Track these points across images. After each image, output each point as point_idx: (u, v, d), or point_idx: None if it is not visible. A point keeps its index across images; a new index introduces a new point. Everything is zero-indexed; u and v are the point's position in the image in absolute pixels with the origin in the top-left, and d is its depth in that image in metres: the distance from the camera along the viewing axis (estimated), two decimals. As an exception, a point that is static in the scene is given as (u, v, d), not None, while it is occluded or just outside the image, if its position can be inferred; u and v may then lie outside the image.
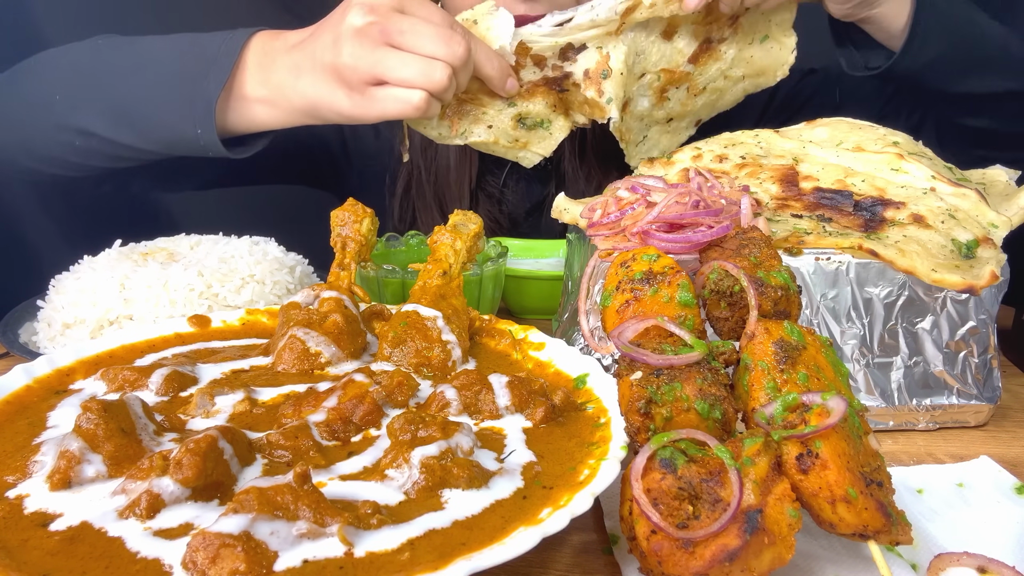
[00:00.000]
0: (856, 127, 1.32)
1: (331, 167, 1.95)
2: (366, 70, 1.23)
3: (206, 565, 0.67)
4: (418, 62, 1.23)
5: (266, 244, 1.46)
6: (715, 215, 1.05)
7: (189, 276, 1.29)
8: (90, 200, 1.65)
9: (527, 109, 1.39)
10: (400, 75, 1.23)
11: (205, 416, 0.95)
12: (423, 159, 1.82)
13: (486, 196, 1.85)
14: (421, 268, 1.24)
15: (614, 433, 0.90)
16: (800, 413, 0.76)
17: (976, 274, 1.06)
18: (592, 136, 1.81)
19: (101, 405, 0.84)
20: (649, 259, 0.94)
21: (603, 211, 1.14)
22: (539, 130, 1.42)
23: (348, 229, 1.27)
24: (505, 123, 1.40)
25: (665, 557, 0.71)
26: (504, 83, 1.35)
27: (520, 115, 1.40)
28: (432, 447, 0.83)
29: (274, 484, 0.73)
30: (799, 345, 0.83)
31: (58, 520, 0.75)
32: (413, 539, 0.73)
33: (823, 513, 0.74)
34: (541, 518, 0.76)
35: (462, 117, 1.38)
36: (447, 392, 0.97)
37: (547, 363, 1.12)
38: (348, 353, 1.10)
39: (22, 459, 0.84)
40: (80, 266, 1.36)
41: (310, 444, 0.87)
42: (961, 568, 0.79)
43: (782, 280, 0.90)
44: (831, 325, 1.10)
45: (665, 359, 0.82)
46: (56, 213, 1.84)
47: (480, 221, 1.31)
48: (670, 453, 0.75)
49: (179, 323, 1.20)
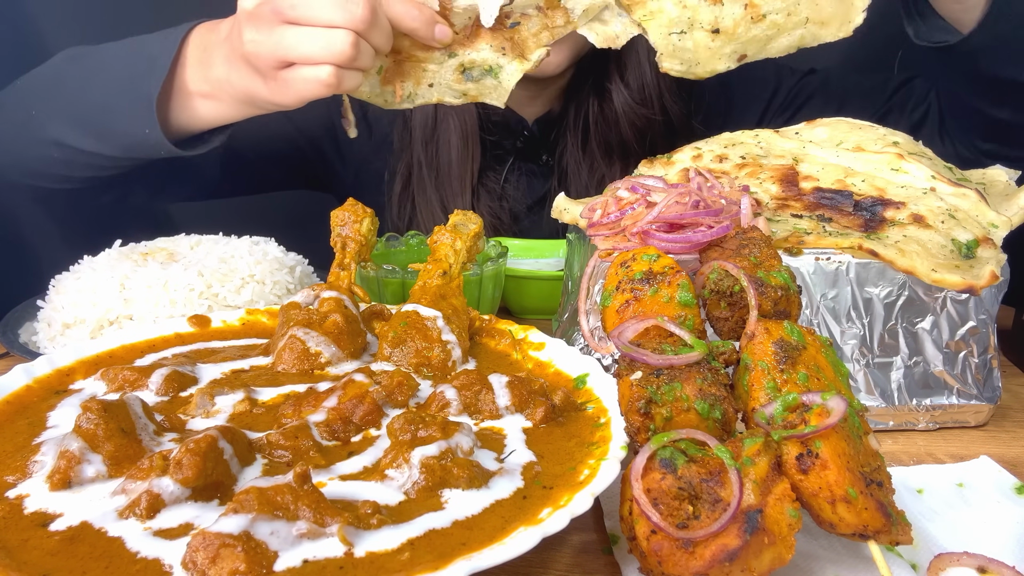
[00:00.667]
0: (856, 127, 1.32)
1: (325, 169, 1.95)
2: (268, 54, 1.17)
3: (206, 565, 0.67)
4: (317, 35, 1.14)
5: (266, 244, 1.46)
6: (715, 215, 1.05)
7: (189, 276, 1.29)
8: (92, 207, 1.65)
9: (470, 58, 1.23)
10: (301, 52, 1.15)
11: (205, 416, 0.95)
12: (424, 154, 1.81)
13: (487, 191, 1.84)
14: (421, 268, 1.24)
15: (614, 433, 0.90)
16: (800, 413, 0.76)
17: (976, 274, 1.06)
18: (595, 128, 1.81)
19: (101, 405, 0.84)
20: (649, 259, 0.94)
21: (603, 211, 1.14)
22: (487, 79, 1.25)
23: (348, 229, 1.27)
24: (448, 78, 1.25)
25: (665, 557, 0.71)
26: (432, 32, 1.20)
27: (463, 65, 1.24)
28: (432, 447, 0.83)
29: (274, 484, 0.73)
30: (799, 345, 0.83)
31: (58, 520, 0.75)
32: (413, 539, 0.73)
33: (823, 513, 0.74)
34: (541, 518, 0.76)
35: (404, 78, 1.25)
36: (447, 392, 0.97)
37: (547, 363, 1.12)
38: (348, 353, 1.10)
39: (22, 459, 0.84)
40: (80, 266, 1.36)
41: (310, 444, 0.87)
42: (961, 568, 0.79)
43: (782, 280, 0.90)
44: (831, 325, 1.10)
45: (665, 359, 0.82)
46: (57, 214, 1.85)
47: (480, 221, 1.31)
48: (670, 453, 0.75)
49: (179, 323, 1.20)
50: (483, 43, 1.23)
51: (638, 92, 1.78)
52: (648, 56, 1.78)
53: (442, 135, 1.80)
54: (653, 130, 1.81)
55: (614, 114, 1.80)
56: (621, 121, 1.80)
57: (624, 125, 1.80)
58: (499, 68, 1.24)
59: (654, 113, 1.80)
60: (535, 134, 1.87)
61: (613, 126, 1.81)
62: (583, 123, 1.82)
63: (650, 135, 1.81)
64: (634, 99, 1.79)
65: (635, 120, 1.80)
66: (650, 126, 1.81)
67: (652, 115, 1.80)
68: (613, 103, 1.79)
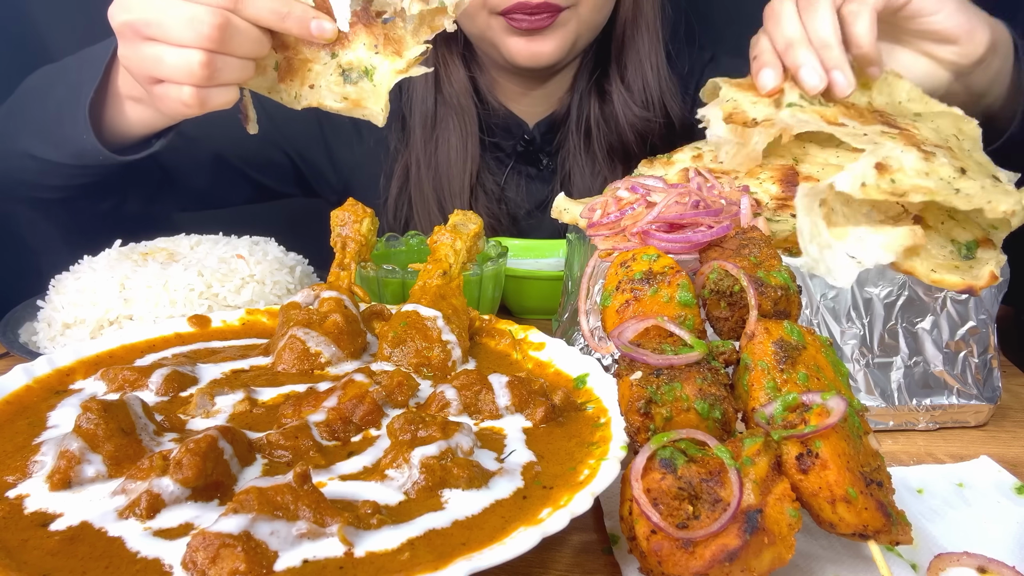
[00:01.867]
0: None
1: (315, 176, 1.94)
2: (137, 70, 1.16)
3: (206, 565, 0.67)
4: (172, 55, 1.10)
5: (266, 244, 1.46)
6: (715, 215, 1.05)
7: (189, 276, 1.29)
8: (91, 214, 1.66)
9: (347, 59, 1.13)
10: (162, 71, 1.12)
11: (205, 416, 0.95)
12: (423, 152, 1.80)
13: (485, 192, 1.83)
14: (421, 268, 1.24)
15: (614, 433, 0.90)
16: (800, 413, 0.76)
17: (976, 274, 1.06)
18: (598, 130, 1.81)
19: (101, 405, 0.84)
20: (649, 259, 0.94)
21: (603, 211, 1.14)
22: (364, 81, 1.13)
23: (348, 229, 1.27)
24: (330, 79, 1.14)
25: (665, 557, 0.71)
26: (307, 29, 1.11)
27: (341, 67, 1.13)
28: (432, 447, 0.83)
29: (274, 484, 0.73)
30: (799, 345, 0.83)
31: (58, 520, 0.75)
32: (413, 539, 0.73)
33: (823, 513, 0.74)
34: (541, 518, 0.76)
35: (293, 76, 1.15)
36: (447, 392, 0.97)
37: (547, 363, 1.12)
38: (348, 353, 1.10)
39: (22, 459, 0.84)
40: (80, 266, 1.36)
41: (310, 444, 0.87)
42: (961, 568, 0.79)
43: (782, 280, 0.90)
44: (831, 325, 1.10)
45: (665, 359, 0.82)
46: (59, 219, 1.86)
47: (480, 221, 1.31)
48: (670, 453, 0.75)
49: (179, 323, 1.20)
50: (359, 41, 1.13)
51: (639, 94, 1.78)
52: (648, 58, 1.77)
53: (441, 134, 1.79)
54: (654, 133, 1.81)
55: (615, 117, 1.80)
56: (622, 124, 1.79)
57: (625, 128, 1.79)
58: (373, 69, 1.13)
59: (655, 116, 1.80)
60: (535, 138, 1.86)
61: (615, 129, 1.80)
62: (585, 125, 1.82)
63: (651, 138, 1.81)
64: (635, 102, 1.79)
65: (636, 123, 1.79)
66: (651, 129, 1.80)
67: (653, 118, 1.80)
68: (614, 105, 1.79)
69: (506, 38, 1.64)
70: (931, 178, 1.04)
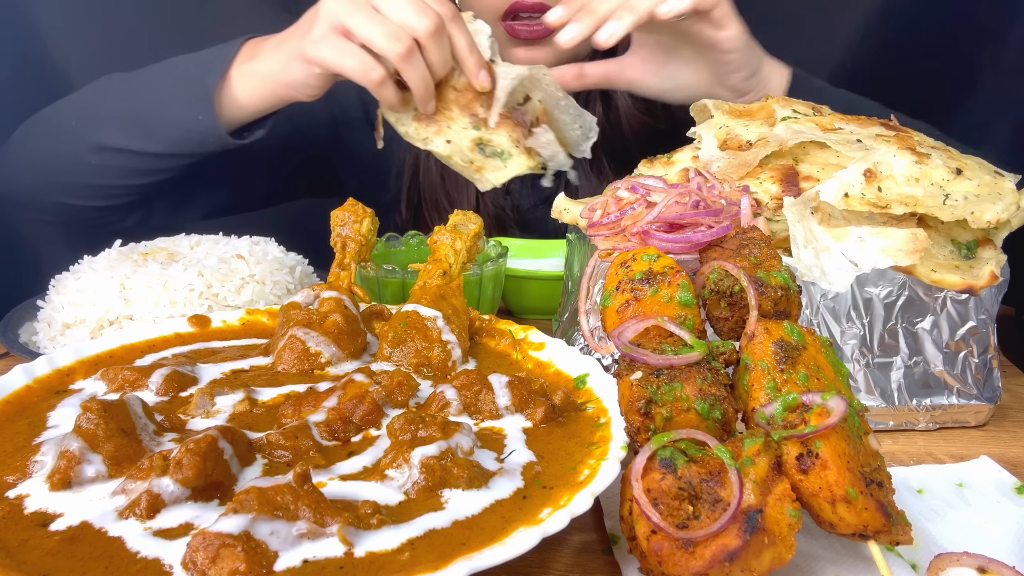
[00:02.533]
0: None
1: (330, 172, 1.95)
2: (343, 13, 1.25)
3: (206, 565, 0.67)
4: (385, 24, 1.23)
5: (266, 244, 1.46)
6: (715, 215, 1.05)
7: (189, 276, 1.29)
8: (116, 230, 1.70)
9: (489, 137, 1.37)
10: (370, 33, 1.24)
11: (205, 416, 0.95)
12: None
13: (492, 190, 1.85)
14: (421, 268, 1.24)
15: (614, 433, 0.90)
16: (800, 413, 0.76)
17: (976, 274, 1.06)
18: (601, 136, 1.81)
19: (101, 405, 0.84)
20: (649, 259, 0.94)
21: (603, 211, 1.14)
22: (496, 159, 1.38)
23: (348, 229, 1.27)
24: (464, 143, 1.37)
25: (665, 557, 0.71)
26: (477, 73, 1.33)
27: (481, 140, 1.37)
28: (432, 447, 0.83)
29: (274, 484, 0.73)
30: (799, 345, 0.83)
31: (58, 520, 0.75)
32: (413, 539, 0.73)
33: (823, 513, 0.74)
34: (541, 518, 0.76)
35: (430, 123, 1.37)
36: (447, 392, 0.97)
37: (547, 363, 1.12)
38: (348, 353, 1.10)
39: (22, 459, 0.84)
40: (80, 266, 1.36)
41: (310, 444, 0.87)
42: (961, 568, 0.79)
43: (782, 280, 0.90)
44: (831, 325, 1.10)
45: (665, 359, 0.82)
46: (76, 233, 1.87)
47: (480, 221, 1.31)
48: (670, 453, 0.75)
49: (179, 323, 1.20)
50: (504, 131, 1.37)
51: (641, 99, 1.79)
52: None
53: None
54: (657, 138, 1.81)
55: (619, 121, 1.81)
56: (625, 129, 1.81)
57: (628, 133, 1.81)
58: (509, 156, 1.38)
59: (658, 121, 1.82)
60: None
61: (619, 133, 1.81)
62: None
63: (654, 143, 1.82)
64: (638, 107, 1.81)
65: (638, 128, 1.81)
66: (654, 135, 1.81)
67: (656, 124, 1.81)
68: (619, 110, 1.80)
69: (507, 49, 1.68)
70: (921, 184, 1.05)
